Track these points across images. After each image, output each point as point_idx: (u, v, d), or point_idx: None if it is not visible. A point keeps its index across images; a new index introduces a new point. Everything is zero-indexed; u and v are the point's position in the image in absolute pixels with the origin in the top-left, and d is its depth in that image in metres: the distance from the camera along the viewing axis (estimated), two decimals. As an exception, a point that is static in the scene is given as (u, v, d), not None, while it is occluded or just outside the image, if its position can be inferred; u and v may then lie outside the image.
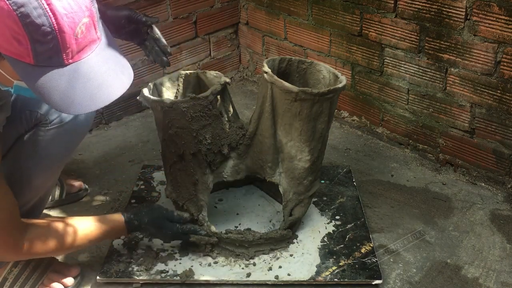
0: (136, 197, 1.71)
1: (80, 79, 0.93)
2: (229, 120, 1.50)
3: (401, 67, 1.92)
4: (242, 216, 1.63)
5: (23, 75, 0.91)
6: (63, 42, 0.88)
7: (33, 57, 0.88)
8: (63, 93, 0.91)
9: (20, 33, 0.86)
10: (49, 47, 0.88)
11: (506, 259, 1.49)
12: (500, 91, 1.67)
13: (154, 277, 1.40)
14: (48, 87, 0.91)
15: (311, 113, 1.37)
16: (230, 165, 1.52)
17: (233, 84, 2.55)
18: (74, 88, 0.92)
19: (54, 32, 0.87)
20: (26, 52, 0.88)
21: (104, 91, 0.95)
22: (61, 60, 0.90)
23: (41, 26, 0.85)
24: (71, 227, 1.26)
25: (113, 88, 0.97)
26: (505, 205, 1.70)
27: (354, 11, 1.99)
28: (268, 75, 1.38)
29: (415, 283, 1.41)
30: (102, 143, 2.07)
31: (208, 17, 2.37)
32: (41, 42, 0.87)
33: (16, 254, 1.22)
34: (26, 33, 0.86)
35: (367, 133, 2.13)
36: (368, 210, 1.69)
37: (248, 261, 1.44)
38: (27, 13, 0.84)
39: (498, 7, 1.58)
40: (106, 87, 0.96)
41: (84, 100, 0.93)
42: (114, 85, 0.97)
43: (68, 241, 1.25)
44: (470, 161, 1.85)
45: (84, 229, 1.29)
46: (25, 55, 0.88)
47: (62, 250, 1.30)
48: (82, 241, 1.29)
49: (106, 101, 0.95)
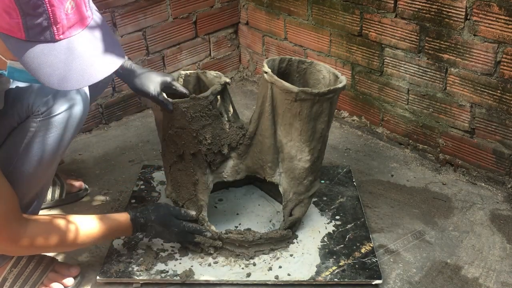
0: (136, 197, 1.71)
1: (71, 54, 0.93)
2: (229, 120, 1.50)
3: (401, 67, 1.92)
4: (242, 216, 1.63)
5: (14, 50, 0.91)
6: (53, 16, 0.90)
7: (24, 31, 0.89)
8: (54, 68, 0.92)
9: (11, 6, 0.87)
10: (39, 21, 0.89)
11: (506, 259, 1.49)
12: (500, 91, 1.67)
13: (154, 277, 1.39)
14: (39, 62, 0.91)
15: (311, 113, 1.36)
16: (230, 165, 1.52)
17: (233, 84, 2.55)
18: (65, 63, 0.93)
19: (45, 5, 0.88)
20: (17, 26, 0.89)
21: (96, 68, 0.96)
22: (52, 35, 0.92)
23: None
24: (74, 224, 1.26)
25: (104, 65, 0.98)
26: (505, 205, 1.70)
27: (354, 11, 1.99)
28: (268, 75, 1.38)
29: (415, 283, 1.41)
30: (102, 143, 2.07)
31: (208, 17, 2.37)
32: (32, 16, 0.88)
33: (16, 248, 1.21)
34: (17, 6, 0.87)
35: (367, 133, 2.13)
36: (368, 210, 1.69)
37: (248, 261, 1.44)
38: None
39: (498, 7, 1.58)
40: (98, 64, 0.96)
41: (76, 76, 0.94)
42: (105, 62, 0.98)
43: (70, 238, 1.25)
44: (470, 161, 1.85)
45: (87, 227, 1.28)
46: (16, 30, 0.89)
47: (63, 247, 1.30)
48: (85, 239, 1.28)
49: (97, 78, 0.96)
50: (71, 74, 0.93)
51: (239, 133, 1.49)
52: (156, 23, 2.19)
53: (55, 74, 0.92)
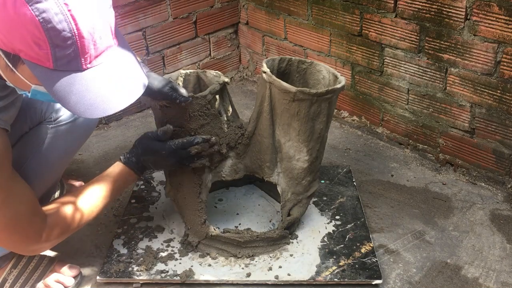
0: (136, 197, 1.71)
1: (97, 83, 0.95)
2: (228, 120, 1.50)
3: (401, 67, 1.92)
4: (242, 216, 1.63)
5: (42, 79, 0.93)
6: (82, 47, 0.91)
7: (52, 62, 0.90)
8: (80, 96, 0.93)
9: (41, 38, 0.88)
10: (68, 52, 0.90)
11: (506, 259, 1.49)
12: (500, 91, 1.67)
13: (154, 277, 1.40)
14: (66, 91, 0.93)
15: (309, 113, 1.36)
16: (228, 164, 1.52)
17: (233, 84, 2.55)
18: (90, 92, 0.94)
19: (74, 37, 0.89)
20: (46, 56, 0.90)
21: (120, 96, 0.98)
22: (80, 64, 0.93)
23: (61, 32, 0.88)
24: (84, 198, 1.25)
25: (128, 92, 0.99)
26: (505, 205, 1.70)
27: (354, 11, 1.98)
28: (267, 74, 1.38)
29: (415, 283, 1.41)
30: (102, 143, 2.07)
31: (208, 17, 2.37)
32: (61, 47, 0.89)
33: (43, 244, 1.21)
34: (47, 38, 0.88)
35: (367, 133, 2.13)
36: (368, 210, 1.69)
37: (248, 261, 1.44)
38: (48, 19, 0.87)
39: (498, 7, 1.58)
40: (122, 92, 0.98)
41: (102, 104, 0.95)
42: (130, 89, 1.00)
43: (86, 213, 1.25)
44: (470, 161, 1.85)
45: (96, 195, 1.28)
46: (44, 60, 0.90)
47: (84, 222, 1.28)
48: (99, 208, 1.28)
49: (122, 105, 0.98)
50: (97, 102, 0.95)
51: (237, 133, 1.49)
52: (156, 23, 2.19)
53: (82, 102, 0.94)
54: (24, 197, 1.15)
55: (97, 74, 0.95)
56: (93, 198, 1.28)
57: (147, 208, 1.66)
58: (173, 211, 1.60)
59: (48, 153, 1.30)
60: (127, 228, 1.57)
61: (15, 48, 0.91)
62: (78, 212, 1.24)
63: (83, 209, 1.25)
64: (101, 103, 0.95)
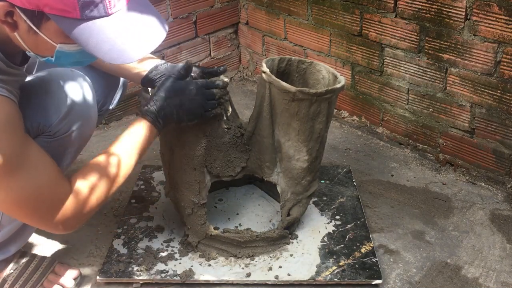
0: (136, 197, 1.71)
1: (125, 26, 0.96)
2: (228, 120, 1.50)
3: (401, 67, 1.92)
4: (242, 216, 1.63)
5: (70, 31, 0.92)
6: None
7: (79, 10, 0.91)
8: (111, 43, 0.94)
9: None
10: None
11: (506, 259, 1.49)
12: (500, 91, 1.67)
13: (154, 277, 1.40)
14: (97, 39, 0.93)
15: (308, 113, 1.36)
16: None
17: (233, 84, 2.55)
18: (121, 36, 0.95)
19: None
20: (72, 5, 0.90)
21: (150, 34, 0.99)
22: (105, 9, 0.93)
23: None
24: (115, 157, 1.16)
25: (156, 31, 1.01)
26: (505, 205, 1.70)
27: (354, 11, 1.98)
28: (266, 74, 1.38)
29: (415, 283, 1.41)
30: (102, 143, 2.07)
31: (208, 17, 2.37)
32: None
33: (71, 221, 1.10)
34: None
35: (367, 133, 2.13)
36: (368, 210, 1.69)
37: (248, 261, 1.44)
38: None
39: (498, 7, 1.58)
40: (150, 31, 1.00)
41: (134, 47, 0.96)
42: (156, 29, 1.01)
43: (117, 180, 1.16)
44: (470, 161, 1.85)
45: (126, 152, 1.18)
46: (71, 9, 0.91)
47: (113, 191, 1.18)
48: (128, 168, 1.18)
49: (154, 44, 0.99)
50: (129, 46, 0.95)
51: (237, 133, 1.49)
52: (156, 23, 2.19)
53: (114, 49, 0.94)
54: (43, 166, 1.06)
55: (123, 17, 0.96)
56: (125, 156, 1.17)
57: (147, 208, 1.66)
58: (173, 211, 1.60)
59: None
60: (127, 228, 1.57)
61: (39, 3, 0.90)
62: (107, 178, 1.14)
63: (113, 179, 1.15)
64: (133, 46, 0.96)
